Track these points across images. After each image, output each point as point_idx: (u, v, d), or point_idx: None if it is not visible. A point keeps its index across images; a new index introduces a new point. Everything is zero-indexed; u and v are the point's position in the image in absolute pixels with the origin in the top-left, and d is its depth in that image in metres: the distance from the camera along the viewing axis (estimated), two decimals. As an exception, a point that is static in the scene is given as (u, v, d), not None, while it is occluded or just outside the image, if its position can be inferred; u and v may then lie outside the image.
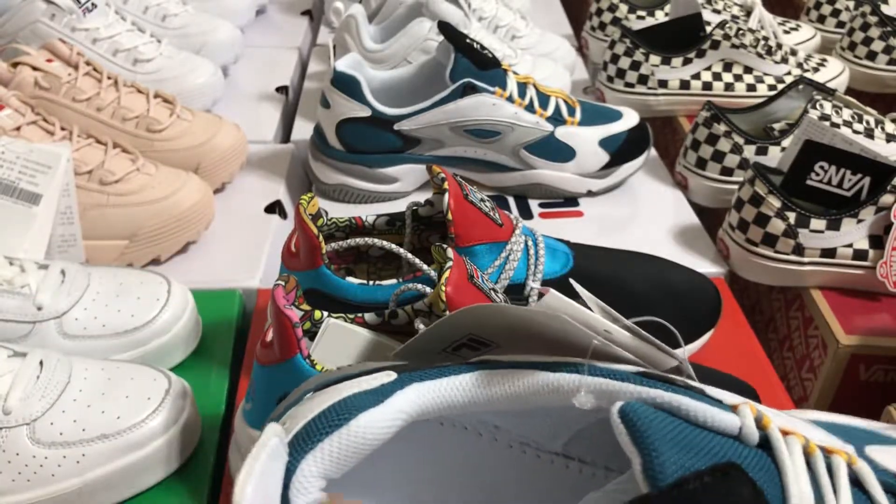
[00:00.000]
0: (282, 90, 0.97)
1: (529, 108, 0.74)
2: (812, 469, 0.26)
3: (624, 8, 1.05)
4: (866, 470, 0.26)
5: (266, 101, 0.95)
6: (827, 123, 0.72)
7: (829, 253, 0.65)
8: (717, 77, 0.91)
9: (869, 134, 0.77)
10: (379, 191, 0.76)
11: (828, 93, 0.78)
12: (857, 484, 0.26)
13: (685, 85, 0.91)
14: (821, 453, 0.26)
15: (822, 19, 1.11)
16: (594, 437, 0.25)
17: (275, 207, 0.75)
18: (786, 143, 0.75)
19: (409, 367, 0.28)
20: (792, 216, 0.65)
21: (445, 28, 0.72)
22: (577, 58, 1.05)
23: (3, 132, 0.62)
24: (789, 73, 0.91)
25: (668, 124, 0.96)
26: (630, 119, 0.79)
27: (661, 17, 1.05)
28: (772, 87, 0.90)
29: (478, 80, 0.72)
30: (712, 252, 0.71)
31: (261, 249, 0.69)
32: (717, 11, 1.05)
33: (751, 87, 0.91)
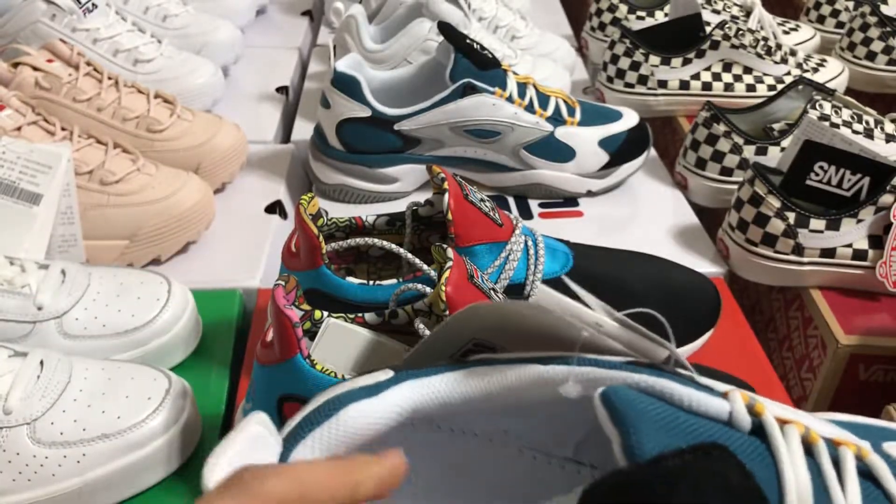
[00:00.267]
0: (282, 90, 0.97)
1: (529, 108, 0.74)
2: (815, 458, 0.25)
3: (624, 8, 1.05)
4: (880, 463, 0.26)
5: (266, 102, 0.95)
6: (826, 123, 0.72)
7: (829, 253, 0.65)
8: (717, 77, 0.91)
9: (868, 134, 0.77)
10: (379, 191, 0.76)
11: (827, 93, 0.78)
12: (870, 477, 0.25)
13: (685, 85, 0.91)
14: (824, 444, 0.25)
15: (821, 19, 1.11)
16: (606, 443, 0.24)
17: (275, 207, 0.75)
18: (785, 143, 0.75)
19: (407, 367, 0.28)
20: (791, 216, 0.65)
21: (445, 28, 0.72)
22: (577, 58, 1.06)
23: (3, 132, 0.62)
24: (789, 74, 0.91)
25: (668, 124, 0.96)
26: (630, 119, 0.79)
27: (660, 17, 1.05)
28: (771, 88, 0.90)
29: (478, 80, 0.72)
30: (712, 252, 0.72)
31: (261, 249, 0.69)
32: (716, 12, 1.05)
33: (750, 88, 0.91)
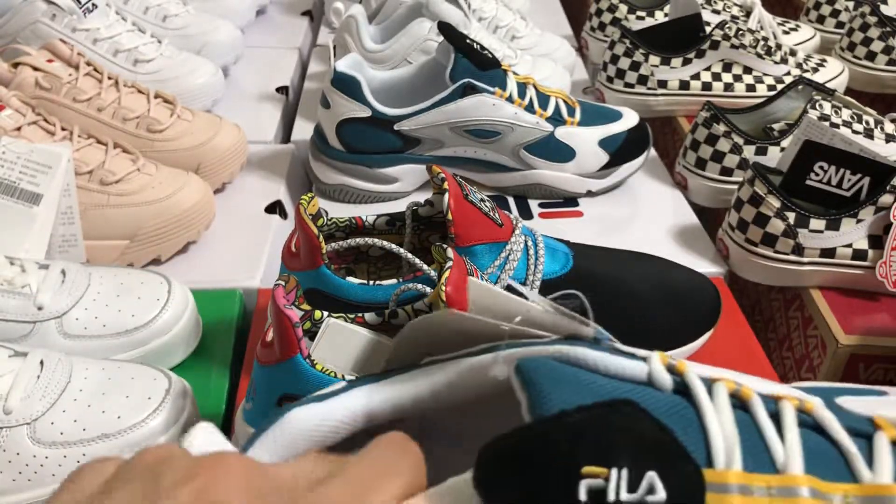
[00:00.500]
0: (282, 90, 0.97)
1: (529, 108, 0.74)
2: (749, 412, 0.25)
3: (624, 8, 1.05)
4: (827, 415, 0.25)
5: (266, 102, 0.95)
6: (826, 123, 0.72)
7: (829, 253, 0.65)
8: (717, 77, 0.91)
9: (868, 134, 0.77)
10: (379, 191, 0.76)
11: (827, 93, 0.78)
12: (818, 430, 0.25)
13: (685, 85, 0.91)
14: (760, 398, 0.25)
15: (821, 20, 1.11)
16: None
17: (275, 207, 0.75)
18: (785, 143, 0.75)
19: (365, 377, 0.28)
20: (791, 216, 0.65)
21: (445, 28, 0.72)
22: (577, 58, 1.06)
23: (3, 132, 0.62)
24: (789, 74, 0.91)
25: (668, 124, 0.96)
26: (630, 119, 0.79)
27: (660, 17, 1.05)
28: (771, 88, 0.90)
29: (478, 80, 0.72)
30: (712, 252, 0.72)
31: (261, 249, 0.69)
32: (716, 12, 1.05)
33: (750, 88, 0.91)
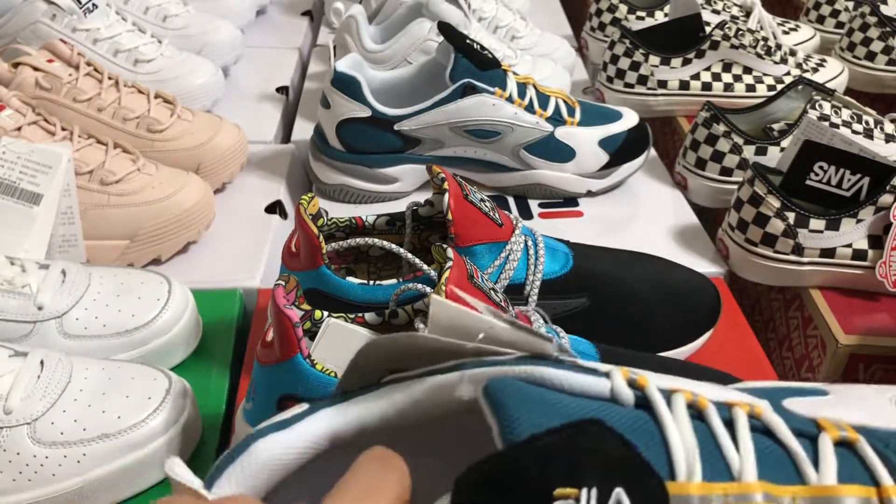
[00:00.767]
0: (282, 90, 0.97)
1: (529, 108, 0.74)
2: (706, 421, 0.25)
3: (623, 8, 1.05)
4: (776, 419, 0.26)
5: (266, 102, 0.95)
6: (826, 124, 0.72)
7: (829, 253, 0.65)
8: (717, 77, 0.91)
9: (868, 134, 0.77)
10: (379, 191, 0.76)
11: (827, 93, 0.78)
12: (768, 433, 0.26)
13: (684, 85, 0.91)
14: (714, 407, 0.26)
15: (821, 20, 1.11)
16: None
17: (275, 207, 0.75)
18: (785, 143, 0.75)
19: (326, 398, 0.28)
20: (791, 216, 0.65)
21: (445, 28, 0.72)
22: (577, 58, 1.06)
23: (3, 132, 0.62)
24: (788, 74, 0.91)
25: (668, 124, 0.96)
26: (630, 119, 0.79)
27: (660, 17, 1.05)
28: (771, 88, 0.90)
29: (478, 80, 0.72)
30: (712, 252, 0.72)
31: (261, 249, 0.69)
32: (716, 12, 1.05)
33: (750, 88, 0.91)
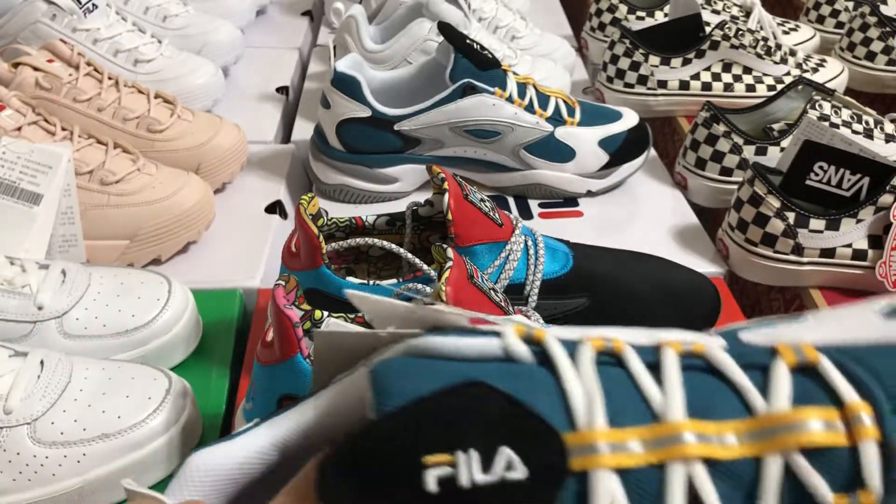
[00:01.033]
0: (282, 90, 0.97)
1: (529, 108, 0.74)
2: (625, 367, 0.23)
3: (623, 8, 1.05)
4: (720, 355, 0.24)
5: (266, 102, 0.95)
6: (826, 124, 0.72)
7: (829, 253, 0.65)
8: (717, 77, 0.91)
9: (868, 134, 0.77)
10: (379, 191, 0.76)
11: (827, 93, 0.78)
12: (713, 371, 0.24)
13: (684, 85, 0.91)
14: (634, 350, 0.24)
15: (821, 20, 1.11)
16: None
17: (275, 207, 0.75)
18: (785, 143, 0.75)
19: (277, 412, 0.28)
20: (791, 216, 0.65)
21: (445, 28, 0.72)
22: (577, 58, 1.06)
23: (4, 132, 0.62)
24: (788, 74, 0.91)
25: (668, 125, 0.96)
26: (629, 119, 0.79)
27: (660, 17, 1.05)
28: (771, 88, 0.90)
29: (478, 80, 0.72)
30: (712, 252, 0.72)
31: (261, 249, 0.69)
32: (716, 12, 1.05)
33: (750, 88, 0.91)
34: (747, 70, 0.91)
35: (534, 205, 0.78)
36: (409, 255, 0.49)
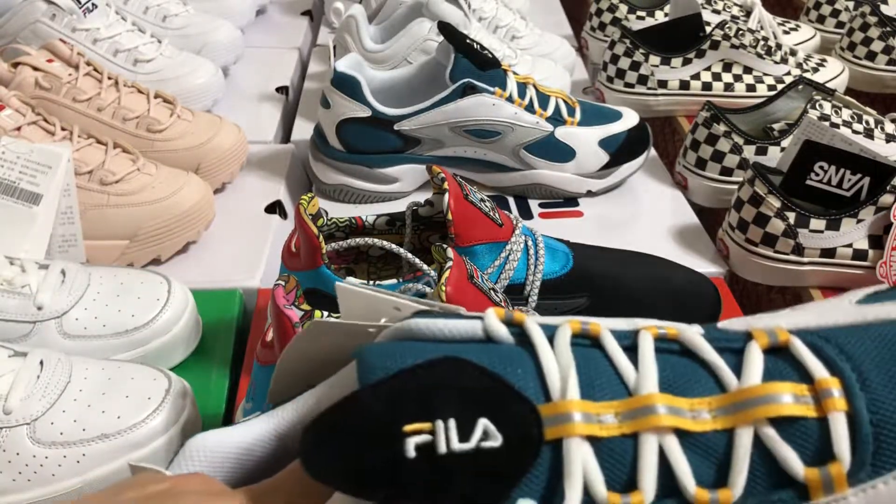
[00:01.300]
0: (282, 90, 0.97)
1: (529, 108, 0.74)
2: (602, 348, 0.24)
3: (624, 8, 1.05)
4: (696, 339, 0.24)
5: (266, 102, 0.95)
6: (826, 123, 0.72)
7: (829, 253, 0.65)
8: (717, 77, 0.91)
9: (868, 134, 0.77)
10: (379, 191, 0.76)
11: (827, 93, 0.78)
12: (689, 354, 0.24)
13: (685, 85, 0.91)
14: (611, 333, 0.25)
15: (821, 19, 1.11)
16: None
17: (275, 207, 0.75)
18: (785, 143, 0.75)
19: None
20: (791, 216, 0.65)
21: (445, 28, 0.72)
22: (577, 58, 1.05)
23: (3, 132, 0.62)
24: (789, 74, 0.91)
25: (668, 124, 0.96)
26: (630, 119, 0.79)
27: (660, 17, 1.05)
28: (771, 88, 0.90)
29: (478, 80, 0.72)
30: (712, 252, 0.72)
31: (261, 249, 0.69)
32: (716, 12, 1.05)
33: (750, 88, 0.91)
34: (748, 70, 0.91)
35: (534, 205, 0.78)
36: (409, 256, 0.49)
